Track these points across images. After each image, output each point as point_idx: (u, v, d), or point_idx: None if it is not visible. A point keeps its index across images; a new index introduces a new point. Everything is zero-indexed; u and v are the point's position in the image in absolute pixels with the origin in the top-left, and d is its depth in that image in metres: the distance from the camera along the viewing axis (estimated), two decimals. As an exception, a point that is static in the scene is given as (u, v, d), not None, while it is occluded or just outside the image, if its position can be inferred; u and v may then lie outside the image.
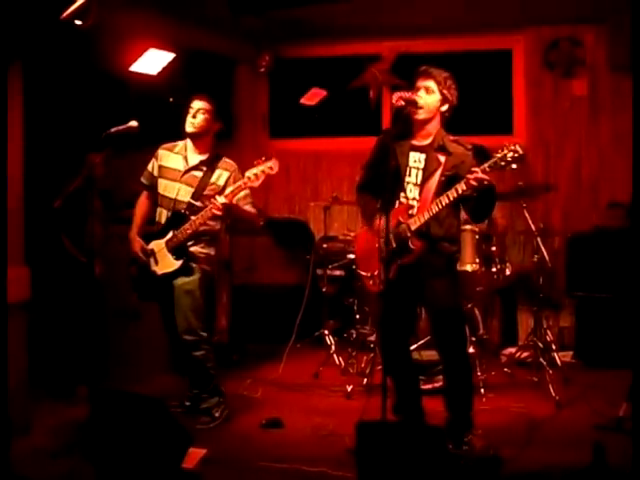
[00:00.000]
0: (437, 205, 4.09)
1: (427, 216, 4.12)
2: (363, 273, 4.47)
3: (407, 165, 4.27)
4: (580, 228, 6.71)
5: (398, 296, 4.24)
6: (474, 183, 3.95)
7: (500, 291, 6.35)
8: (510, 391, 5.52)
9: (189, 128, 4.76)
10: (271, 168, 4.55)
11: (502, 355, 6.26)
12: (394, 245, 4.19)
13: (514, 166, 3.97)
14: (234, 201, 4.61)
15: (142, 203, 4.99)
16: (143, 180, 4.97)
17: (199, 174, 4.77)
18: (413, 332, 4.59)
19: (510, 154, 3.93)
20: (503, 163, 3.95)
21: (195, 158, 4.81)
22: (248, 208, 4.80)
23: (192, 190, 4.73)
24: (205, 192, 4.72)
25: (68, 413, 4.77)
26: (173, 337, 4.85)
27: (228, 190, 4.61)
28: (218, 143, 4.95)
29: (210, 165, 4.78)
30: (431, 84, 4.22)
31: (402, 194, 4.27)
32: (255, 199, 7.41)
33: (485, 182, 3.97)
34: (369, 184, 4.45)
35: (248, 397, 5.41)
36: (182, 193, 4.76)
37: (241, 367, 6.10)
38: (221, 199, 4.55)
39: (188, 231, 4.64)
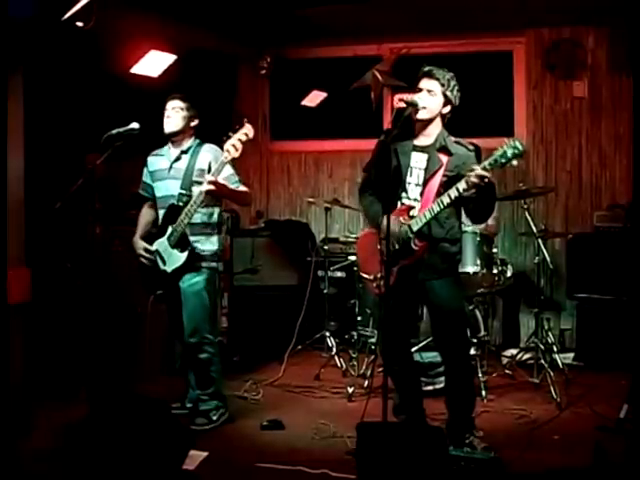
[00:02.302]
0: (439, 205, 4.08)
1: (429, 215, 4.11)
2: (366, 276, 4.46)
3: (409, 165, 4.26)
4: (581, 229, 6.71)
5: (400, 298, 4.24)
6: (475, 180, 3.93)
7: (501, 293, 6.35)
8: (511, 393, 5.52)
9: (166, 128, 4.78)
10: (246, 134, 4.53)
11: (503, 357, 6.25)
12: (396, 246, 4.19)
13: (515, 163, 3.95)
14: (220, 180, 4.61)
15: (144, 212, 5.04)
16: (141, 192, 5.02)
17: (183, 165, 4.79)
18: (414, 333, 4.59)
19: (510, 151, 3.91)
20: (504, 160, 3.92)
21: (175, 151, 4.84)
22: (236, 186, 4.80)
23: (180, 181, 4.75)
24: (193, 179, 4.72)
25: (70, 414, 4.76)
26: (180, 338, 4.85)
27: (214, 168, 4.61)
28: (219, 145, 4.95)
29: (192, 153, 4.79)
30: (434, 86, 4.20)
31: (404, 194, 4.26)
32: (256, 200, 7.43)
33: (486, 180, 3.95)
34: (370, 185, 4.44)
35: (249, 399, 5.41)
36: (172, 187, 4.77)
37: (242, 368, 6.10)
38: (207, 177, 4.56)
39: (185, 220, 4.64)
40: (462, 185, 3.99)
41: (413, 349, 5.31)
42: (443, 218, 4.19)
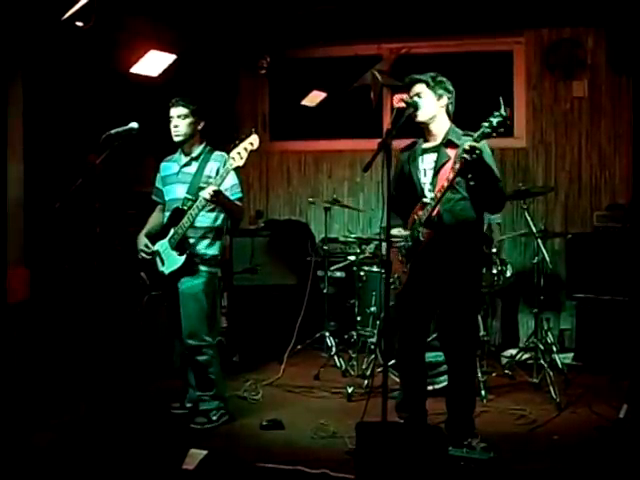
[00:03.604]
0: (440, 191, 4.11)
1: (432, 203, 4.14)
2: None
3: (422, 168, 4.31)
4: (580, 229, 6.72)
5: (417, 296, 4.27)
6: (465, 154, 3.94)
7: (501, 293, 6.35)
8: (511, 393, 5.52)
9: (175, 138, 4.82)
10: (252, 144, 4.56)
11: (503, 357, 6.25)
12: (410, 243, 4.22)
13: (502, 130, 3.98)
14: (223, 187, 4.63)
15: (155, 215, 5.07)
16: (154, 197, 5.07)
17: (192, 170, 4.83)
18: (429, 332, 4.58)
19: (496, 119, 3.94)
20: (490, 130, 3.95)
21: (185, 157, 4.88)
22: (236, 198, 4.81)
23: (188, 186, 4.78)
24: (200, 185, 4.74)
25: (68, 413, 4.78)
26: (180, 338, 4.85)
27: (217, 176, 4.64)
28: (219, 146, 4.96)
29: (202, 160, 4.83)
30: (420, 88, 4.27)
31: (423, 197, 4.28)
32: (256, 200, 7.42)
33: (477, 152, 3.95)
34: (393, 199, 4.43)
35: (249, 398, 5.41)
36: (179, 191, 4.82)
37: (241, 368, 6.10)
38: (211, 186, 4.57)
39: (187, 224, 4.67)
40: (456, 165, 4.03)
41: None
42: (457, 210, 4.20)
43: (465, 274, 4.27)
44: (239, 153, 4.53)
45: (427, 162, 4.31)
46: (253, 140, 4.56)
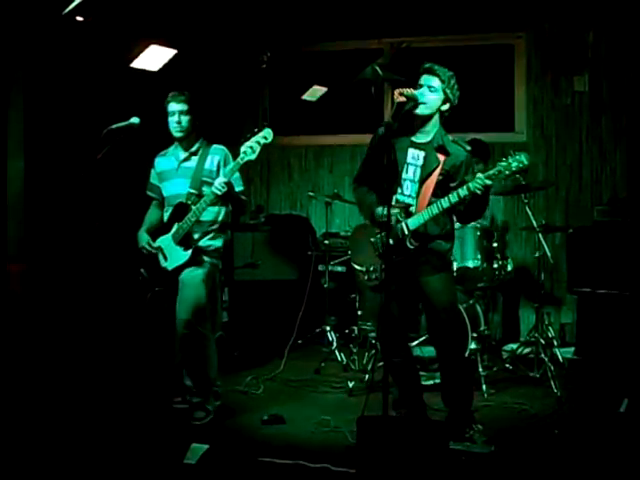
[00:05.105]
0: (438, 207, 4.10)
1: (427, 217, 4.13)
2: (357, 267, 4.47)
3: (405, 162, 4.28)
4: (581, 224, 6.71)
5: (394, 292, 4.25)
6: (478, 192, 3.96)
7: (502, 287, 6.35)
8: (511, 387, 5.53)
9: (176, 133, 4.80)
10: (265, 137, 4.55)
11: (503, 351, 6.26)
12: (391, 242, 4.20)
13: (518, 176, 3.97)
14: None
15: (151, 211, 5.05)
16: (149, 193, 5.04)
17: (192, 164, 4.82)
18: (414, 327, 4.59)
19: (515, 163, 3.92)
20: (507, 172, 3.95)
21: (184, 153, 4.86)
22: (239, 190, 4.82)
23: (189, 180, 4.77)
24: (202, 179, 4.74)
25: (70, 406, 4.78)
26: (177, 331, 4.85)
27: (227, 168, 4.64)
28: (221, 141, 4.96)
29: (201, 154, 4.82)
30: (435, 82, 4.21)
31: (399, 190, 4.27)
32: (256, 194, 7.42)
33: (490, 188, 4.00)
34: (365, 177, 4.45)
35: (249, 393, 5.42)
36: (180, 186, 4.80)
37: (242, 363, 6.11)
38: (221, 178, 4.57)
39: (192, 219, 4.66)
40: (463, 191, 4.01)
41: (414, 343, 5.34)
42: (437, 215, 4.20)
43: (445, 272, 4.32)
44: (251, 147, 4.53)
45: (412, 157, 4.27)
46: (267, 134, 4.56)
